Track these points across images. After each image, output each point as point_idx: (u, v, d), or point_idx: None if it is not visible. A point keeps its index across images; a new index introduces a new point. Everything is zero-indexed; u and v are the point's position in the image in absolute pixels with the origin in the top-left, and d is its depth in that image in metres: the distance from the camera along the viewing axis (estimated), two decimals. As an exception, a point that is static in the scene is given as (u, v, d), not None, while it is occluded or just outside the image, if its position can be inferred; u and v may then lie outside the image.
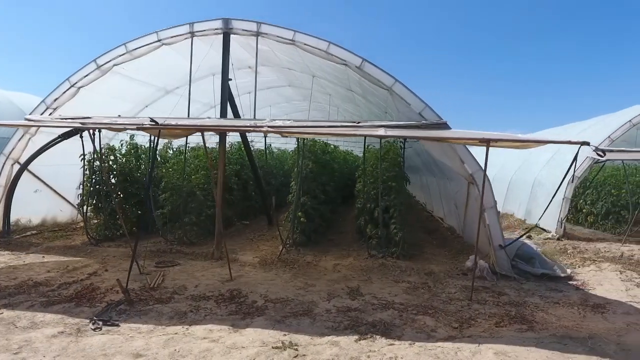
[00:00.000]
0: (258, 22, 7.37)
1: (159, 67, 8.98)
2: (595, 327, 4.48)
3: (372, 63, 6.94)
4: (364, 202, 7.80)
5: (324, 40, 7.07)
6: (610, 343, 4.07)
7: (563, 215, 10.75)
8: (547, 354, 3.77)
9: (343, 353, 3.70)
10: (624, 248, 9.14)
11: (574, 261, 7.87)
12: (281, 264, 7.00)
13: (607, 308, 5.19)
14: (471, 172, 6.61)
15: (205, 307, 4.87)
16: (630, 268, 7.32)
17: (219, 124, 5.35)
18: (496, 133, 5.30)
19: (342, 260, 7.36)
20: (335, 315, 4.69)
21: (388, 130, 5.34)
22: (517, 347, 3.87)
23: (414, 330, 4.30)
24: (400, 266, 6.91)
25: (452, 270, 6.80)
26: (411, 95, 6.78)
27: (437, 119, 6.62)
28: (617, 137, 10.57)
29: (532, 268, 6.64)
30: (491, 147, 4.81)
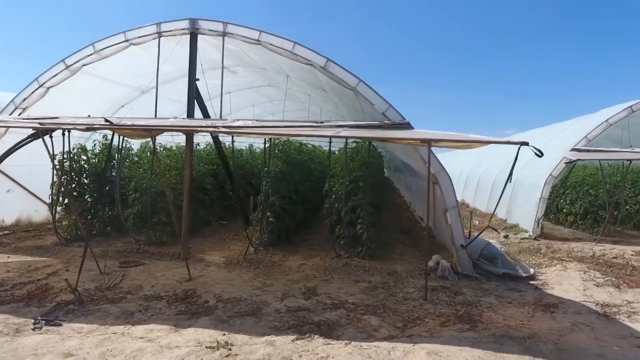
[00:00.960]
0: (224, 22, 7.38)
1: (132, 67, 8.99)
2: (540, 327, 4.49)
3: (336, 63, 6.96)
4: (332, 202, 7.82)
5: (288, 40, 7.09)
6: (548, 343, 4.08)
7: (540, 215, 10.76)
8: (480, 353, 3.78)
9: (276, 353, 3.72)
10: (597, 247, 9.15)
11: (543, 261, 7.88)
12: (246, 264, 7.01)
13: (558, 308, 5.20)
14: (434, 171, 6.61)
15: (155, 307, 4.88)
16: (596, 268, 7.33)
17: (170, 124, 5.36)
18: (441, 132, 5.32)
19: (309, 260, 7.37)
20: (282, 315, 4.70)
21: (341, 131, 5.35)
22: (452, 346, 3.89)
23: (356, 330, 4.31)
24: (364, 266, 6.92)
25: (415, 270, 6.81)
26: (375, 95, 6.79)
27: (400, 119, 6.63)
28: (594, 137, 10.58)
29: (495, 268, 6.65)
30: (433, 147, 4.82)
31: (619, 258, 8.26)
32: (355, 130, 5.52)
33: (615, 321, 4.81)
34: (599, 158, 9.99)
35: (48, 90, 7.93)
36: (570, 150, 10.59)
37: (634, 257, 8.29)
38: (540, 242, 9.86)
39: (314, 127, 5.57)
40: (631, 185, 12.05)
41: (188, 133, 7.23)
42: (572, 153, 10.44)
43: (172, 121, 5.85)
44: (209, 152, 10.85)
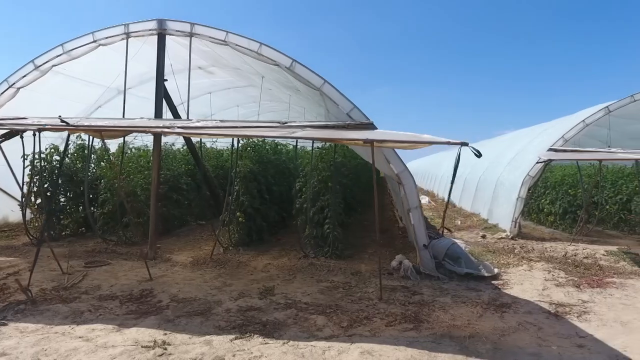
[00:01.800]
0: (191, 23, 7.41)
1: (106, 67, 9.01)
2: (484, 327, 4.52)
3: (301, 64, 6.98)
4: (302, 202, 7.84)
5: (255, 41, 7.11)
6: (487, 342, 4.10)
7: (517, 215, 10.77)
8: (414, 352, 3.80)
9: (210, 352, 3.74)
10: (570, 247, 9.16)
11: (512, 261, 7.90)
12: (213, 264, 7.04)
13: (511, 307, 5.22)
14: (397, 172, 6.65)
15: (107, 307, 4.91)
16: (562, 268, 7.34)
17: (122, 124, 5.38)
18: (392, 132, 5.36)
19: (277, 260, 7.40)
20: (231, 315, 4.73)
21: (297, 131, 5.37)
22: (388, 346, 3.91)
23: (299, 330, 4.33)
24: (329, 266, 6.95)
25: (377, 270, 6.82)
26: (339, 96, 6.82)
27: (364, 119, 6.66)
28: (571, 137, 10.59)
29: (458, 268, 6.67)
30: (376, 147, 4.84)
31: (589, 258, 8.27)
32: (311, 130, 5.54)
33: (565, 321, 4.83)
34: (570, 158, 10.03)
35: (18, 91, 7.96)
36: (547, 150, 10.61)
37: (604, 257, 8.31)
38: (516, 242, 9.87)
39: (270, 128, 5.59)
40: (611, 185, 12.09)
41: (154, 134, 7.26)
42: (548, 153, 10.45)
43: (125, 122, 5.88)
44: (185, 152, 10.87)
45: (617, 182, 11.84)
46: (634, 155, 9.23)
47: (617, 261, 8.02)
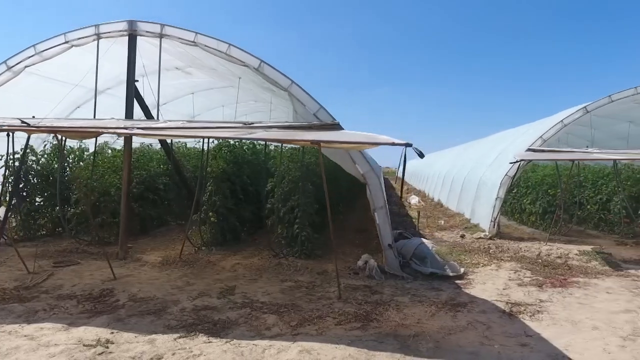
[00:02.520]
0: (161, 24, 7.44)
1: (84, 68, 9.02)
2: (432, 326, 4.55)
3: (269, 65, 7.02)
4: (273, 202, 7.87)
5: (223, 42, 7.15)
6: (430, 341, 4.14)
7: (495, 215, 10.81)
8: (353, 351, 3.84)
9: (151, 351, 3.79)
10: (545, 247, 9.17)
11: (482, 260, 7.94)
12: (182, 264, 7.08)
13: (467, 307, 5.26)
14: (362, 172, 6.68)
15: (63, 306, 4.95)
16: (530, 267, 7.39)
17: (81, 125, 5.42)
18: (349, 132, 5.40)
19: (247, 259, 7.44)
20: (184, 314, 4.77)
21: (258, 132, 5.41)
22: (329, 345, 3.95)
23: (247, 329, 4.37)
24: (296, 265, 6.99)
25: (347, 269, 6.87)
26: (306, 96, 6.86)
27: (330, 120, 6.70)
28: (549, 137, 10.62)
29: (424, 267, 6.72)
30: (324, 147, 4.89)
31: (562, 258, 8.31)
32: (266, 131, 5.58)
33: (516, 320, 4.87)
34: (543, 158, 10.07)
35: (-8, 91, 8.00)
36: (526, 151, 10.64)
37: (576, 256, 8.34)
38: (493, 242, 9.90)
39: (230, 129, 5.63)
40: (591, 185, 12.13)
41: (125, 136, 7.30)
42: (526, 153, 10.48)
43: (86, 122, 5.91)
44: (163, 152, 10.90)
45: (598, 182, 11.88)
46: (609, 156, 9.28)
47: (589, 261, 8.06)
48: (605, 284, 6.49)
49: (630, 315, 5.06)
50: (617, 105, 10.92)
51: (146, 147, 10.96)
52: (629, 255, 8.60)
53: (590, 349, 4.07)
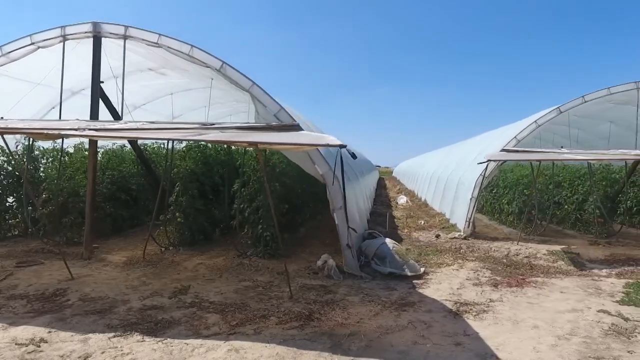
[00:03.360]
0: (125, 26, 7.49)
1: (58, 68, 9.07)
2: (371, 325, 4.60)
3: (231, 66, 7.07)
4: (239, 203, 7.92)
5: (186, 43, 7.20)
6: (363, 340, 4.19)
7: (470, 215, 10.85)
8: (281, 350, 3.89)
9: (81, 349, 3.84)
10: (516, 247, 9.20)
11: (448, 260, 7.98)
12: (145, 264, 7.13)
13: (414, 306, 5.30)
14: (321, 172, 6.73)
15: (11, 306, 5.00)
16: (493, 267, 7.43)
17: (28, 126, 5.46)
18: (305, 133, 5.45)
19: (212, 259, 7.49)
20: (129, 314, 4.81)
21: (210, 133, 5.46)
22: (259, 344, 4.00)
23: (186, 328, 4.42)
24: (257, 265, 7.04)
25: (307, 269, 6.91)
26: (267, 97, 6.91)
27: (290, 120, 6.74)
28: (523, 138, 10.65)
29: (383, 267, 6.77)
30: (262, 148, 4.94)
31: (530, 257, 8.37)
32: (227, 132, 5.62)
33: (460, 319, 4.91)
34: (509, 159, 10.13)
35: (-39, 94, 8.05)
36: (500, 151, 10.69)
37: (544, 256, 8.38)
38: (465, 242, 9.93)
39: (185, 130, 5.67)
40: (568, 185, 12.17)
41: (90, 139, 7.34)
42: (499, 153, 10.54)
43: (40, 124, 5.96)
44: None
45: (574, 183, 11.92)
46: (577, 156, 9.32)
47: (555, 261, 8.10)
48: (562, 284, 6.53)
49: (574, 315, 5.10)
50: (591, 105, 10.93)
51: (118, 148, 11.01)
52: (597, 255, 8.64)
53: (521, 348, 4.11)
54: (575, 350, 4.08)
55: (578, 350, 4.07)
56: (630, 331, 4.59)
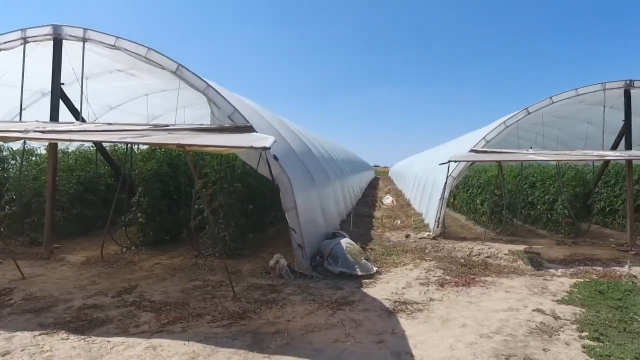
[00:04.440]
0: (84, 29, 7.58)
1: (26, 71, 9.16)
2: (299, 324, 4.68)
3: (186, 68, 7.17)
4: (199, 203, 8.00)
5: (143, 45, 7.29)
6: (285, 339, 4.27)
7: (440, 215, 10.93)
8: (198, 347, 3.98)
9: (3, 347, 3.93)
10: (480, 247, 9.25)
11: (406, 260, 8.06)
12: (103, 264, 7.23)
13: (353, 305, 5.38)
14: (274, 173, 6.79)
15: (-47, 304, 5.09)
16: (447, 267, 7.50)
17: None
18: (256, 135, 5.54)
19: (170, 259, 7.58)
20: (66, 313, 4.90)
21: (152, 134, 5.55)
22: (178, 341, 4.09)
23: (116, 326, 4.51)
24: (213, 265, 7.13)
25: (258, 269, 6.99)
26: (222, 99, 6.99)
27: (244, 122, 6.85)
28: (492, 138, 10.72)
29: (334, 267, 6.85)
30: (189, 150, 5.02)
31: (491, 257, 8.44)
32: (174, 134, 5.71)
33: (392, 318, 4.99)
34: (470, 159, 10.21)
35: None
36: (469, 152, 10.78)
37: (505, 256, 8.45)
38: (434, 242, 9.99)
39: (131, 132, 5.76)
40: (541, 185, 12.25)
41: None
42: (466, 154, 10.64)
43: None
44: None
45: (546, 183, 12.00)
46: (541, 157, 9.39)
47: (515, 260, 8.18)
48: (511, 283, 6.61)
49: (508, 314, 5.18)
50: (564, 106, 11.00)
51: (87, 149, 11.10)
52: (557, 255, 8.71)
53: (438, 346, 4.19)
54: (491, 348, 4.16)
55: (494, 348, 4.15)
56: (555, 330, 4.67)
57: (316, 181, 9.39)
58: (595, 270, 7.46)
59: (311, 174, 9.21)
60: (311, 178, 9.06)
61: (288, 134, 10.11)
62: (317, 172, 10.35)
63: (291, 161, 8.20)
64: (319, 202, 9.12)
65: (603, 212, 12.42)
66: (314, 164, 10.70)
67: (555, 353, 4.08)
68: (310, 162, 10.20)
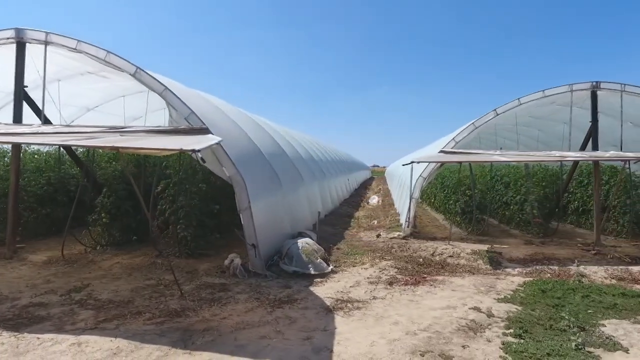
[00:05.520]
0: (47, 32, 7.70)
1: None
2: (232, 321, 4.80)
3: (145, 71, 7.29)
4: (162, 204, 8.12)
5: (102, 49, 7.42)
6: (213, 335, 4.39)
7: (410, 215, 11.04)
8: (124, 343, 4.10)
9: None
10: (444, 247, 9.34)
11: (365, 259, 8.17)
12: (63, 263, 7.35)
13: (295, 303, 5.49)
14: (228, 174, 6.92)
15: None
16: (403, 266, 7.60)
17: None
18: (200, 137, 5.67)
19: (132, 259, 7.71)
20: (10, 311, 5.03)
21: (105, 137, 5.67)
22: (105, 338, 4.22)
23: (53, 323, 4.64)
24: (169, 265, 7.23)
25: (215, 268, 7.11)
26: (178, 102, 7.11)
27: (200, 124, 6.97)
28: (461, 139, 10.83)
29: (288, 266, 6.97)
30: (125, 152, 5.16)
31: (454, 257, 8.54)
32: (127, 136, 5.83)
33: (329, 316, 5.10)
34: (432, 160, 10.34)
35: None
36: (439, 152, 10.91)
37: (467, 255, 8.54)
38: (402, 242, 10.09)
39: (84, 134, 5.89)
40: (512, 185, 12.38)
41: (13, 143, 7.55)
42: (439, 155, 10.76)
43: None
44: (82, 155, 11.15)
45: (517, 183, 12.12)
46: (503, 158, 9.50)
47: (475, 260, 8.28)
48: (461, 282, 6.72)
49: (444, 312, 5.29)
50: (534, 107, 11.12)
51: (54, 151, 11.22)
52: (520, 254, 8.82)
53: (360, 342, 4.30)
54: (411, 344, 4.27)
55: (414, 345, 4.26)
56: (483, 327, 4.78)
57: (284, 182, 9.49)
58: (550, 269, 7.56)
59: (278, 175, 9.32)
60: (277, 179, 9.16)
61: (258, 135, 10.22)
62: (287, 173, 10.46)
63: (253, 162, 8.32)
64: (286, 203, 9.23)
65: (577, 212, 12.54)
66: (285, 165, 10.82)
67: (472, 349, 4.19)
68: (280, 163, 10.31)
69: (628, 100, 10.27)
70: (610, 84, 10.17)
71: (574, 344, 4.19)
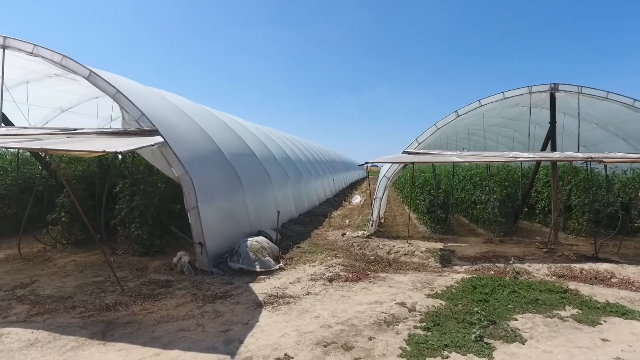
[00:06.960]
0: (5, 37, 7.90)
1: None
2: (157, 315, 5.02)
3: (98, 75, 7.50)
4: (119, 204, 8.33)
5: (58, 53, 7.63)
6: (133, 329, 4.60)
7: (376, 215, 11.25)
8: (43, 335, 4.31)
9: None
10: (401, 245, 9.53)
11: (318, 257, 8.37)
12: (20, 261, 7.58)
13: (228, 299, 5.70)
14: (177, 175, 7.13)
15: None
16: (351, 264, 7.79)
17: None
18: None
19: (88, 258, 7.93)
20: (-52, 306, 5.25)
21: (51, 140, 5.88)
22: (29, 330, 4.44)
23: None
24: (122, 262, 7.46)
25: (165, 266, 7.32)
26: (130, 104, 7.32)
27: (150, 126, 7.19)
28: (424, 140, 11.02)
29: (236, 264, 7.18)
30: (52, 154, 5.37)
31: (409, 255, 8.74)
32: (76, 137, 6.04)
33: (257, 311, 5.31)
34: (384, 161, 10.56)
35: None
36: (402, 153, 11.12)
37: (421, 254, 8.73)
38: (364, 240, 10.29)
39: (35, 135, 6.10)
40: (479, 185, 12.59)
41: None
42: (402, 155, 10.96)
43: None
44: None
45: (482, 183, 12.33)
46: (456, 159, 9.70)
47: (427, 258, 8.49)
48: (402, 279, 6.92)
49: (369, 307, 5.49)
50: (496, 108, 11.34)
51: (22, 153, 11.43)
52: (473, 252, 9.02)
53: (273, 335, 4.51)
54: (320, 337, 4.48)
55: (323, 337, 4.47)
56: (399, 321, 4.99)
57: (246, 182, 9.69)
58: (497, 267, 7.76)
59: (239, 175, 9.52)
60: (237, 179, 9.36)
61: (222, 135, 10.40)
62: (252, 173, 10.65)
63: (209, 163, 8.51)
64: (248, 203, 9.44)
65: (544, 211, 12.75)
66: (251, 166, 11.01)
67: (377, 341, 4.40)
68: (245, 164, 10.50)
69: (587, 101, 10.48)
70: (568, 86, 10.36)
71: (474, 336, 4.40)
